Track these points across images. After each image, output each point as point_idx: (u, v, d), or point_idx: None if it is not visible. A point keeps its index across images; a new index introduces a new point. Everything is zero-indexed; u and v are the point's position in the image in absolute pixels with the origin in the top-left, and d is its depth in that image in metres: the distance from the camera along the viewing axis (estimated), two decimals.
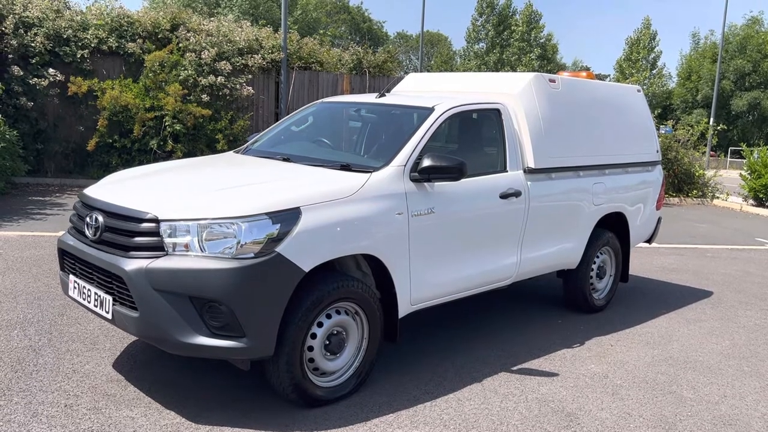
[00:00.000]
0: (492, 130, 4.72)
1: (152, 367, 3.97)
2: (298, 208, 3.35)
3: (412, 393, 3.84)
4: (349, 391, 3.69)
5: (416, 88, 5.66)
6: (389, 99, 4.80)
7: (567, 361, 4.53)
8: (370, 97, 4.94)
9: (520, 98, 4.83)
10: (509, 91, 4.87)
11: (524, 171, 4.72)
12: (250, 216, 3.21)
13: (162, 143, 12.13)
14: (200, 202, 3.37)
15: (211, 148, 12.54)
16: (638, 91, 6.22)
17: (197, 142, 12.46)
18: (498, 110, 4.70)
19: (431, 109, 4.32)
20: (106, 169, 12.18)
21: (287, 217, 3.29)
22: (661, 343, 5.07)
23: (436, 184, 4.00)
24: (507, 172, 4.62)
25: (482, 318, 5.33)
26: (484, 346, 4.69)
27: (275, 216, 3.26)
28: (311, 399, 3.52)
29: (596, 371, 4.39)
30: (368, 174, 3.80)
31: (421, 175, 3.90)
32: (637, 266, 7.50)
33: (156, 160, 12.26)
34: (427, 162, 3.86)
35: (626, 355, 4.73)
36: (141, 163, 12.26)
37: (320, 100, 5.34)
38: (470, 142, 4.81)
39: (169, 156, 12.21)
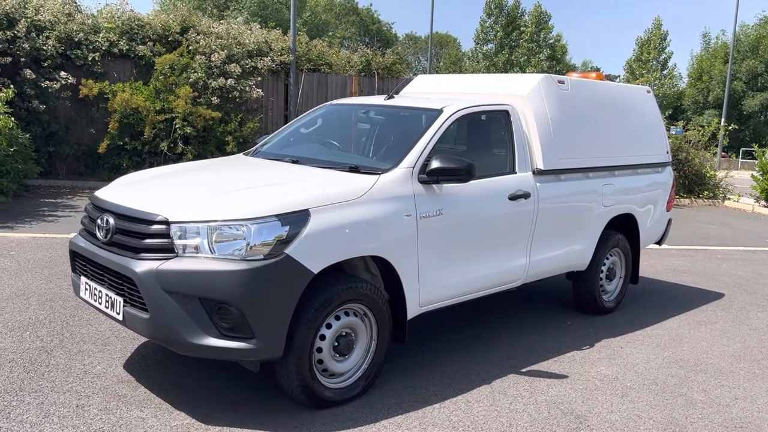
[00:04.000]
0: (501, 131, 4.71)
1: (163, 368, 4.00)
2: (307, 210, 3.36)
3: (421, 394, 3.85)
4: (358, 392, 3.69)
5: (425, 90, 5.66)
6: (398, 101, 4.81)
7: (576, 363, 4.52)
8: (379, 99, 4.95)
9: (528, 99, 4.82)
10: (518, 93, 4.87)
11: (533, 172, 4.71)
12: (259, 218, 3.23)
13: (172, 145, 12.21)
14: (210, 204, 3.40)
15: (221, 150, 12.60)
16: (648, 91, 6.19)
17: (207, 144, 12.53)
18: (507, 112, 4.70)
19: (440, 111, 4.32)
20: (117, 171, 12.27)
21: (296, 219, 3.31)
22: (671, 345, 5.04)
23: (444, 185, 4.00)
24: (516, 173, 4.62)
25: (491, 320, 5.32)
26: (494, 347, 4.69)
27: (284, 218, 3.28)
28: (320, 400, 3.53)
29: (606, 373, 4.38)
30: (377, 176, 3.81)
31: (429, 176, 3.90)
32: (647, 268, 7.46)
33: (166, 162, 12.34)
34: (435, 164, 3.86)
35: (636, 357, 4.71)
36: (152, 164, 12.34)
37: (329, 102, 5.36)
38: (479, 144, 4.80)
39: (179, 158, 12.28)
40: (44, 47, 11.68)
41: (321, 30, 43.39)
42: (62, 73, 11.80)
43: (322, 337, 3.50)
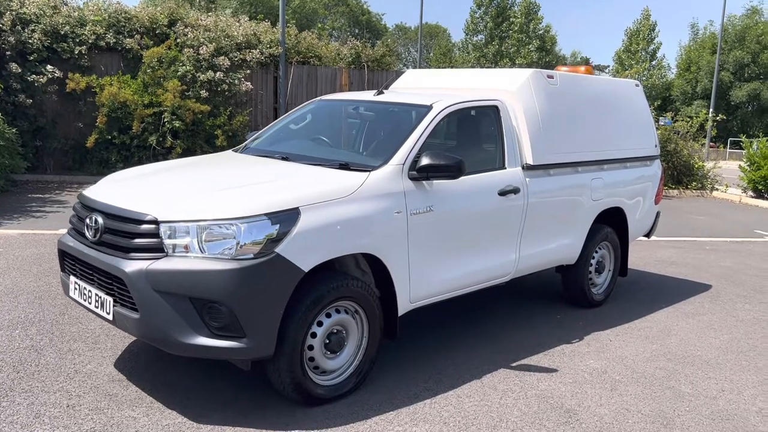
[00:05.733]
0: (490, 126, 4.72)
1: (154, 367, 3.99)
2: (297, 208, 3.36)
3: (412, 390, 3.87)
4: (349, 389, 3.71)
5: (414, 85, 5.66)
6: (387, 96, 4.80)
7: (566, 357, 4.55)
8: (369, 95, 4.94)
9: (518, 95, 4.83)
10: (507, 88, 4.88)
11: (522, 168, 4.73)
12: (249, 217, 3.23)
13: (161, 139, 12.14)
14: (199, 203, 3.38)
15: (210, 144, 12.55)
16: (636, 85, 6.22)
17: (196, 137, 12.47)
18: (496, 107, 4.70)
19: (429, 107, 4.32)
20: (106, 166, 12.21)
21: (286, 218, 3.30)
22: (659, 337, 5.09)
23: (434, 182, 4.01)
24: (505, 169, 4.63)
25: (481, 314, 5.35)
26: (484, 342, 4.71)
27: (274, 216, 3.27)
28: (312, 398, 3.54)
29: (595, 367, 4.42)
30: (367, 173, 3.81)
31: (419, 173, 3.90)
32: (636, 260, 7.52)
33: (155, 156, 12.28)
34: (425, 160, 3.87)
35: (625, 350, 4.76)
36: (140, 159, 12.28)
37: (318, 98, 5.35)
38: (468, 139, 4.81)
39: (168, 152, 12.22)
40: (30, 40, 11.57)
41: (310, 20, 43.13)
42: (49, 67, 11.70)
43: (313, 335, 3.51)
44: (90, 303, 3.52)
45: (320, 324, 3.53)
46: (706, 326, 5.45)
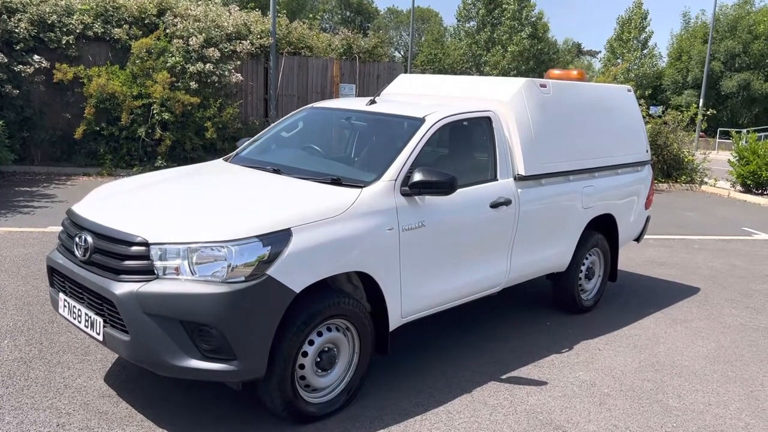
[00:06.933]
0: (482, 137, 4.70)
1: (143, 381, 3.98)
2: (289, 229, 3.34)
3: (403, 406, 3.88)
4: (340, 406, 3.71)
5: (406, 92, 5.60)
6: (380, 106, 4.75)
7: (555, 368, 4.58)
8: (361, 104, 4.89)
9: (510, 105, 4.81)
10: (500, 98, 4.85)
11: (514, 178, 4.72)
12: (240, 239, 3.20)
13: (150, 131, 12.03)
14: (190, 224, 3.34)
15: (200, 136, 12.45)
16: (629, 90, 6.21)
17: (186, 129, 12.36)
18: (489, 118, 4.68)
19: (422, 120, 4.30)
20: (94, 157, 12.11)
21: (278, 239, 3.28)
22: (648, 345, 5.14)
23: (426, 197, 4.00)
24: (497, 180, 4.62)
25: (472, 324, 5.36)
26: (474, 354, 4.73)
27: (266, 238, 3.25)
28: (303, 415, 3.55)
29: (584, 379, 4.45)
30: (359, 189, 3.79)
31: (411, 189, 3.89)
32: (625, 260, 7.56)
33: (144, 148, 12.18)
34: (418, 176, 3.85)
35: (613, 361, 4.79)
36: (129, 150, 12.19)
37: (310, 105, 5.30)
38: (460, 151, 4.78)
39: (157, 144, 12.12)
40: (16, 30, 11.39)
41: (301, 4, 42.66)
42: (35, 57, 11.55)
43: (305, 354, 3.51)
44: (80, 322, 3.49)
45: (311, 343, 3.53)
46: (694, 333, 5.50)
